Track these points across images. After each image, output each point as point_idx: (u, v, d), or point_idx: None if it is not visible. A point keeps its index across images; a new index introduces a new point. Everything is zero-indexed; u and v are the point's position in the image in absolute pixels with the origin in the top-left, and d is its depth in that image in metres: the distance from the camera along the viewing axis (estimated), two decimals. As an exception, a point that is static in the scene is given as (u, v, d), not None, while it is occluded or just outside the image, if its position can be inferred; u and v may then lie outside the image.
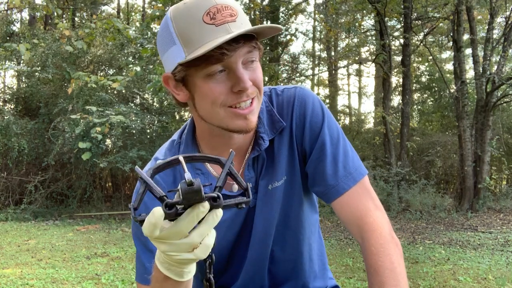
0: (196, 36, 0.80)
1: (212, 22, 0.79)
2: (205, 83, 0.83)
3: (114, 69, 10.33)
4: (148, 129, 9.54)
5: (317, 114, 0.96)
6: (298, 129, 0.96)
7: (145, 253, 0.92)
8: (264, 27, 0.82)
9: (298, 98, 0.97)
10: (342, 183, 0.93)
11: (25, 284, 3.96)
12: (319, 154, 0.95)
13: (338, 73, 18.47)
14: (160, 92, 7.67)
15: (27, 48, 6.08)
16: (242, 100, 0.84)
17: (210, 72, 0.81)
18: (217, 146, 0.95)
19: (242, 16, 0.83)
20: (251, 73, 0.85)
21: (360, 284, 4.07)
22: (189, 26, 0.81)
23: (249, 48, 0.83)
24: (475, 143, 9.85)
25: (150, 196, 0.64)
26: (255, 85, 0.86)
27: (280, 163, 0.96)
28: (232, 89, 0.83)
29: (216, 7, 0.80)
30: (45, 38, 9.53)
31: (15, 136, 8.99)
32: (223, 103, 0.84)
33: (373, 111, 16.72)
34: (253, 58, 0.85)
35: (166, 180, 0.95)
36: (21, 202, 9.02)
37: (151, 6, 14.95)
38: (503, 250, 5.77)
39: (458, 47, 10.23)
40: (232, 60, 0.81)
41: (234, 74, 0.82)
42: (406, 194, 9.51)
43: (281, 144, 0.97)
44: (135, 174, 1.25)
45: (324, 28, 12.71)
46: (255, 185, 0.96)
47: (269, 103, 0.98)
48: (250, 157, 0.95)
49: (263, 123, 0.96)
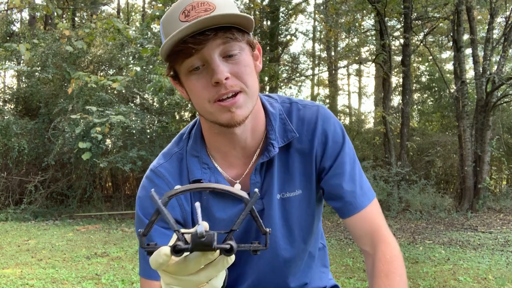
0: (171, 32, 0.81)
1: (185, 19, 0.82)
2: (188, 79, 0.86)
3: (114, 69, 10.33)
4: (148, 129, 9.54)
5: (338, 134, 1.00)
6: (320, 145, 0.98)
7: (161, 239, 0.92)
8: (229, 16, 0.80)
9: (321, 116, 0.99)
10: (359, 201, 0.98)
11: (25, 284, 3.96)
12: (338, 172, 0.98)
13: (338, 73, 18.47)
14: (160, 92, 7.66)
15: (27, 48, 6.08)
16: (222, 93, 0.84)
17: (188, 67, 0.84)
18: (220, 145, 0.96)
19: (222, 8, 0.83)
20: (232, 66, 0.84)
21: (360, 284, 4.07)
22: (169, 26, 0.84)
23: (223, 40, 0.82)
24: (475, 143, 9.85)
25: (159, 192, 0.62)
26: (238, 78, 0.85)
27: (294, 175, 0.98)
28: (211, 82, 0.84)
29: (192, 4, 0.82)
30: (45, 38, 9.52)
31: (15, 136, 8.99)
32: (207, 98, 0.85)
33: (373, 111, 16.74)
34: (232, 50, 0.84)
35: (172, 172, 0.97)
36: (21, 202, 9.01)
37: (151, 6, 14.95)
38: (503, 250, 5.77)
39: (458, 47, 10.24)
40: (205, 53, 0.82)
41: (211, 68, 0.83)
42: (406, 194, 9.51)
43: (298, 156, 0.98)
44: (150, 197, 1.17)
45: (324, 28, 12.71)
46: (261, 190, 0.97)
47: (286, 113, 1.00)
48: (259, 161, 0.95)
49: (274, 130, 0.97)
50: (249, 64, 0.87)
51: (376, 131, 12.92)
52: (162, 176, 0.96)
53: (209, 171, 0.95)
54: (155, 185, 0.95)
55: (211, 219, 0.96)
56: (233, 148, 0.96)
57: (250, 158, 0.98)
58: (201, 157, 0.96)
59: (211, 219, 0.96)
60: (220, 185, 0.60)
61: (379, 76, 13.99)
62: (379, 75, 13.26)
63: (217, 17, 0.79)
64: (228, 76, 0.83)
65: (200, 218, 0.57)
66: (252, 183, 0.96)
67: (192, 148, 0.98)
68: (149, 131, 9.53)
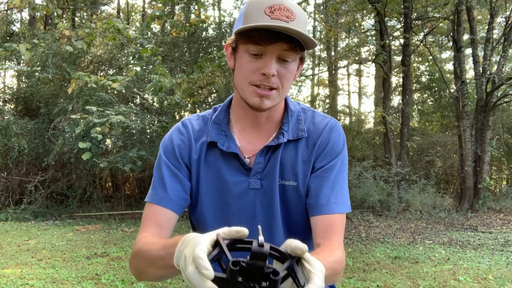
0: (253, 17, 0.98)
1: (269, 14, 0.97)
2: (243, 57, 1.02)
3: (114, 69, 10.32)
4: (148, 129, 9.52)
5: (338, 145, 1.12)
6: (320, 148, 1.10)
7: (158, 178, 1.10)
8: (301, 34, 0.96)
9: (330, 125, 1.13)
10: (330, 207, 1.06)
11: (25, 284, 3.96)
12: (323, 175, 1.09)
13: (338, 73, 18.47)
14: (160, 92, 7.65)
15: (27, 48, 6.07)
16: (263, 84, 1.01)
17: (249, 50, 1.00)
18: (242, 118, 1.13)
19: (298, 22, 0.98)
20: (280, 68, 1.01)
21: (360, 284, 4.08)
22: (253, 11, 0.99)
23: (286, 46, 0.99)
24: (475, 143, 9.85)
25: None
26: (280, 79, 1.02)
27: (294, 168, 1.10)
28: (260, 71, 1.00)
29: (279, 5, 0.98)
30: (45, 38, 9.51)
31: (15, 136, 8.98)
32: (250, 80, 1.02)
33: (373, 111, 16.73)
34: (287, 58, 1.01)
35: (195, 129, 1.14)
36: (21, 202, 9.00)
37: (151, 6, 14.96)
38: (503, 250, 5.77)
39: (458, 47, 10.24)
40: (268, 49, 0.99)
41: (265, 60, 0.99)
42: (406, 194, 9.51)
43: (301, 153, 1.10)
44: (216, 238, 1.19)
45: (324, 28, 12.71)
46: (262, 171, 1.09)
47: (303, 115, 1.15)
48: (267, 144, 1.09)
49: (289, 123, 1.12)
50: (293, 72, 1.04)
51: (376, 131, 12.92)
52: (187, 127, 1.14)
53: (225, 137, 1.10)
54: (180, 133, 1.14)
55: (220, 180, 1.10)
56: (251, 125, 1.12)
57: (263, 140, 1.11)
58: (221, 125, 1.12)
59: (220, 180, 1.10)
60: (256, 248, 0.62)
61: (379, 76, 13.99)
62: (379, 75, 13.26)
63: (293, 31, 0.95)
64: (275, 74, 1.00)
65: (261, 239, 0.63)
66: (256, 161, 1.09)
67: (216, 117, 1.14)
68: (149, 131, 9.52)
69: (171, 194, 1.07)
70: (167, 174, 1.09)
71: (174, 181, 1.09)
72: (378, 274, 4.48)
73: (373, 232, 7.16)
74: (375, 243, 6.31)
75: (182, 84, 6.90)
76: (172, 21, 9.52)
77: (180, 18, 8.82)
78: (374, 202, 8.97)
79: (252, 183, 1.08)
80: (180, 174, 1.09)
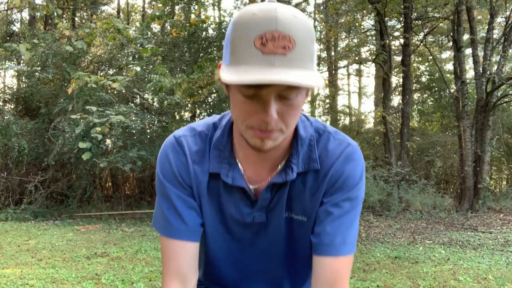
0: (241, 52, 0.78)
1: (260, 48, 0.76)
2: (237, 96, 0.83)
3: (114, 69, 10.32)
4: (148, 129, 9.52)
5: (354, 178, 0.97)
6: (331, 180, 0.96)
7: (170, 209, 0.99)
8: (300, 82, 0.74)
9: (345, 153, 0.97)
10: (335, 248, 0.95)
11: (25, 284, 3.96)
12: (331, 211, 0.97)
13: (338, 73, 18.49)
14: (160, 92, 7.66)
15: (27, 48, 6.07)
16: (261, 129, 0.83)
17: (242, 91, 0.81)
18: (244, 144, 0.94)
19: (299, 49, 0.77)
20: (282, 108, 0.82)
21: (360, 284, 4.08)
22: (241, 40, 0.79)
23: (286, 86, 0.79)
24: (475, 143, 9.85)
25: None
26: (282, 119, 0.83)
27: (303, 202, 0.99)
28: (257, 114, 0.82)
29: (272, 33, 0.76)
30: (45, 38, 9.51)
31: (15, 136, 8.98)
32: (247, 123, 0.84)
33: (373, 111, 16.73)
34: (290, 95, 0.81)
35: (191, 149, 1.00)
36: (21, 202, 9.00)
37: (151, 6, 14.96)
38: (503, 250, 5.77)
39: (458, 47, 10.24)
40: (264, 92, 0.79)
41: (263, 106, 0.81)
42: (406, 194, 9.51)
43: (311, 185, 0.98)
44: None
45: (324, 28, 12.72)
46: (268, 205, 0.99)
47: (316, 140, 0.99)
48: (273, 181, 0.96)
49: (299, 154, 0.96)
50: (299, 106, 0.85)
51: (376, 131, 12.93)
52: (182, 147, 0.99)
53: (228, 166, 0.97)
54: (176, 152, 0.99)
55: (222, 214, 1.01)
56: (255, 154, 0.95)
57: (270, 169, 0.98)
58: (224, 151, 0.98)
59: (222, 214, 1.01)
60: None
61: (379, 76, 14.00)
62: (379, 75, 13.27)
63: (292, 82, 0.73)
64: (276, 117, 0.82)
65: None
66: (261, 197, 0.98)
67: (218, 140, 0.98)
68: (149, 131, 9.52)
69: (190, 225, 0.99)
70: (179, 202, 0.99)
71: (188, 208, 1.00)
72: (378, 274, 4.48)
73: (373, 232, 7.16)
74: (375, 243, 6.31)
75: (182, 84, 6.91)
76: (172, 21, 9.53)
77: (180, 18, 8.83)
78: (374, 202, 8.97)
79: (257, 217, 1.00)
80: (190, 199, 1.00)
